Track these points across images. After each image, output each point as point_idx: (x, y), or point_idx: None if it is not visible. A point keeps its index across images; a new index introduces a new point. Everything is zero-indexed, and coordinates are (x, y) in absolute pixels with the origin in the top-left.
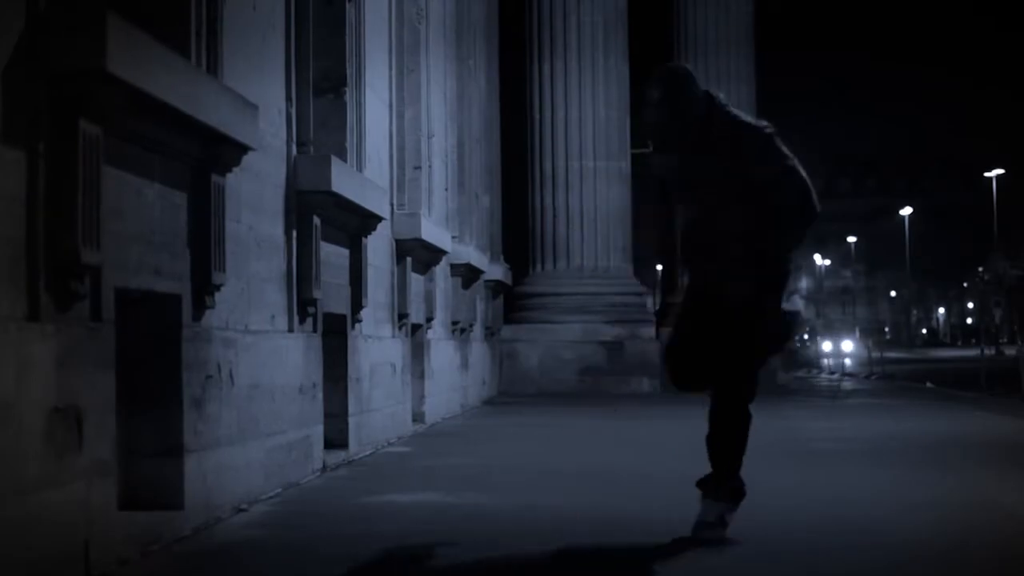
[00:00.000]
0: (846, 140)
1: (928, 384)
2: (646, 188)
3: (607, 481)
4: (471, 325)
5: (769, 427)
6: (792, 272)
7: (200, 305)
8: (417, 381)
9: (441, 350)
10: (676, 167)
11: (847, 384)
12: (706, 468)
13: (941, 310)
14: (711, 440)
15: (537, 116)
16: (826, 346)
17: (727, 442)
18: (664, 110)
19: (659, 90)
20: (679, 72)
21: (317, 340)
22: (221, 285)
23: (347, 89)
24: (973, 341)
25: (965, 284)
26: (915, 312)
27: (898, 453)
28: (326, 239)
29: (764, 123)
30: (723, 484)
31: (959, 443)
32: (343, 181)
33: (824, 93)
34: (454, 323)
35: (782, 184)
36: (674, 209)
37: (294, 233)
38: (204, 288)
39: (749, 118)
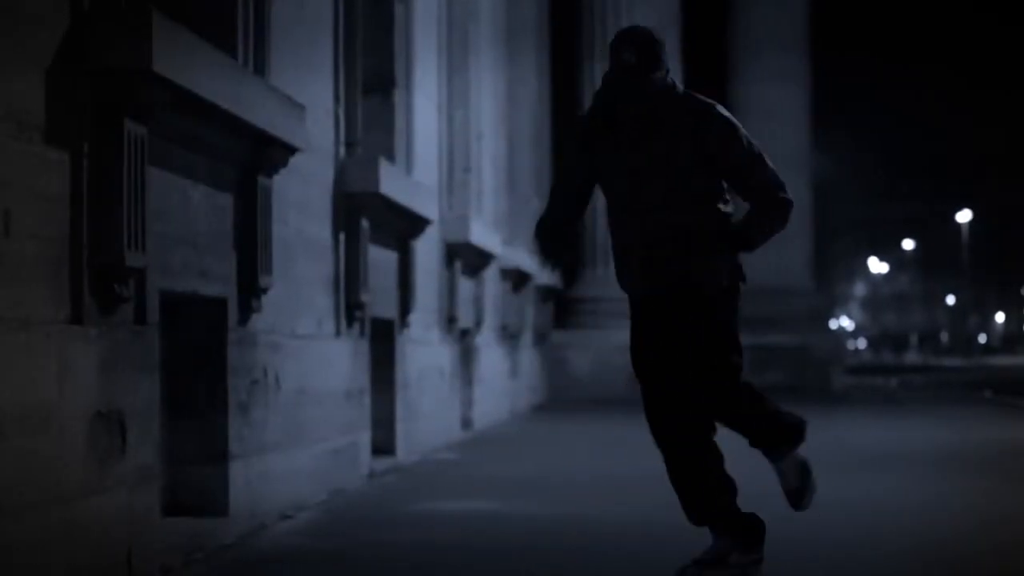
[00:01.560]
0: (903, 142)
1: (987, 394)
2: None
3: (661, 489)
4: (520, 330)
5: (819, 436)
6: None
7: (246, 308)
8: (466, 387)
9: (490, 355)
10: (622, 148)
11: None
12: (758, 474)
13: (999, 317)
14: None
15: None
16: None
17: (760, 410)
18: (635, 73)
19: (632, 52)
20: (657, 38)
21: (365, 345)
22: (268, 288)
23: (396, 89)
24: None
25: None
26: (973, 318)
27: (948, 462)
28: (374, 242)
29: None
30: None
31: (1011, 452)
32: (391, 183)
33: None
34: (503, 328)
35: (756, 170)
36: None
37: (342, 236)
38: (250, 291)
39: (712, 100)
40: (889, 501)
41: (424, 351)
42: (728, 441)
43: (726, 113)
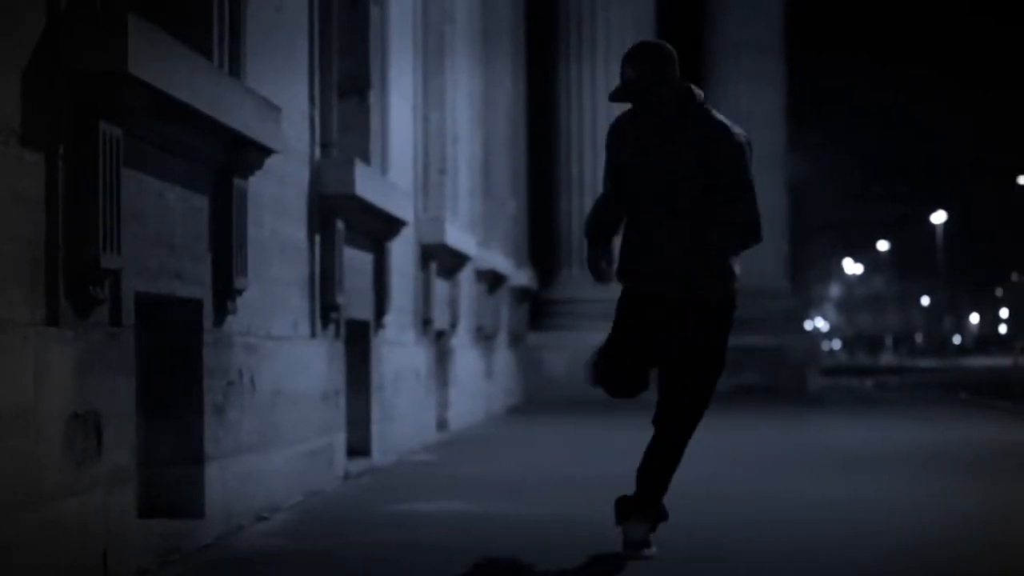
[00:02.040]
0: (878, 144)
1: (962, 395)
2: None
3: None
4: (496, 332)
5: (798, 437)
6: None
7: (222, 310)
8: (441, 388)
9: (466, 357)
10: (636, 159)
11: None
12: (739, 479)
13: (974, 318)
14: (656, 466)
15: (564, 120)
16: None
17: (673, 460)
18: (637, 91)
19: (633, 69)
20: (658, 50)
21: (340, 346)
22: (243, 290)
23: (371, 91)
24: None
25: (999, 292)
26: (948, 319)
27: (931, 463)
28: (349, 244)
29: (740, 130)
30: (656, 508)
31: (992, 453)
32: (367, 185)
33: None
34: (479, 329)
35: (739, 198)
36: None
37: (317, 238)
38: (226, 293)
39: (728, 121)
40: (878, 501)
41: (399, 352)
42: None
43: (738, 138)
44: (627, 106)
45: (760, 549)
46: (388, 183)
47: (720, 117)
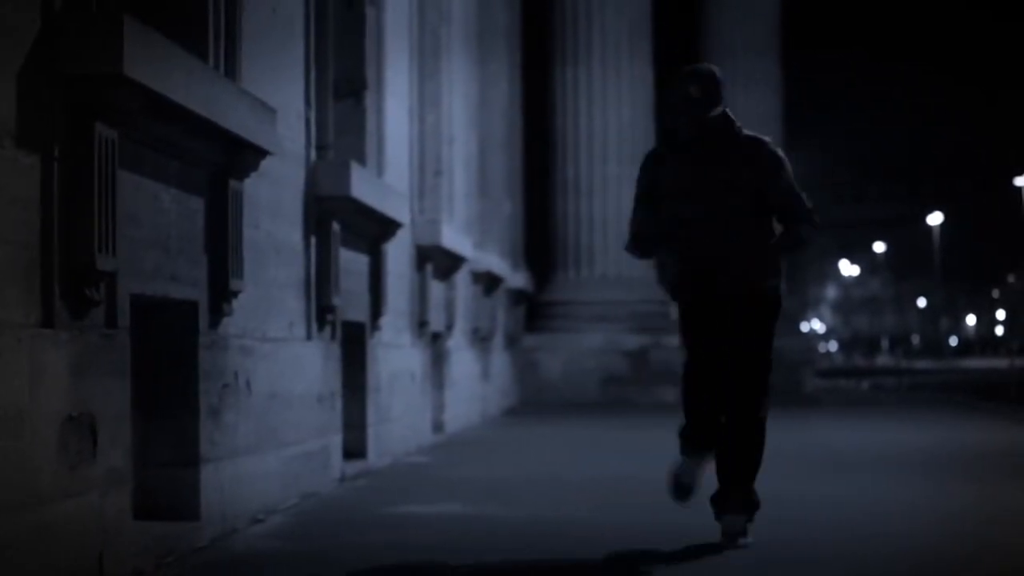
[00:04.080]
0: (873, 145)
1: (959, 397)
2: None
3: (632, 492)
4: (492, 334)
5: (796, 438)
6: None
7: (217, 312)
8: (437, 390)
9: (462, 359)
10: (683, 172)
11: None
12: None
13: (971, 320)
14: (735, 454)
15: (560, 121)
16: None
17: (754, 454)
18: (697, 107)
19: (698, 88)
20: (716, 76)
21: (336, 348)
22: (239, 292)
23: (367, 93)
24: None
25: (996, 293)
26: (945, 321)
27: (923, 465)
28: (345, 246)
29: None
30: (748, 497)
31: (988, 455)
32: (363, 187)
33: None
34: (475, 331)
35: (797, 204)
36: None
37: (313, 239)
38: (221, 295)
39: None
40: (876, 503)
41: (395, 354)
42: None
43: (776, 149)
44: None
45: (759, 551)
46: (384, 185)
47: (756, 135)
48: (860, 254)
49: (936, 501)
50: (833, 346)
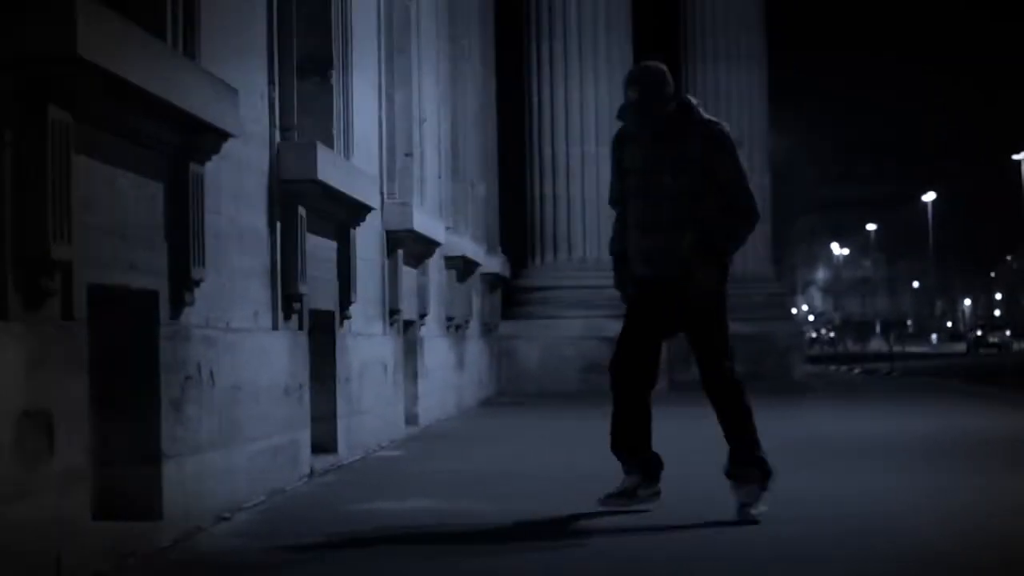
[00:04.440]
0: (863, 122)
1: (954, 382)
2: None
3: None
4: (467, 321)
5: (785, 425)
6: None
7: (178, 302)
8: (410, 381)
9: (435, 348)
10: (640, 160)
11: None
12: (710, 469)
13: (967, 301)
14: (722, 423)
15: (535, 99)
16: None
17: (739, 422)
18: (641, 109)
19: (635, 91)
20: (656, 72)
21: (303, 338)
22: (201, 280)
23: (333, 71)
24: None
25: (992, 274)
26: (939, 303)
27: (919, 452)
28: (312, 231)
29: (730, 130)
30: (752, 466)
31: (984, 442)
32: (329, 169)
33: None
34: (449, 319)
35: (740, 187)
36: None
37: (278, 225)
38: (183, 284)
39: (720, 122)
40: (871, 493)
41: (366, 344)
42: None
43: (726, 131)
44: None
45: (757, 546)
46: (352, 167)
47: (713, 120)
48: (851, 235)
49: (931, 491)
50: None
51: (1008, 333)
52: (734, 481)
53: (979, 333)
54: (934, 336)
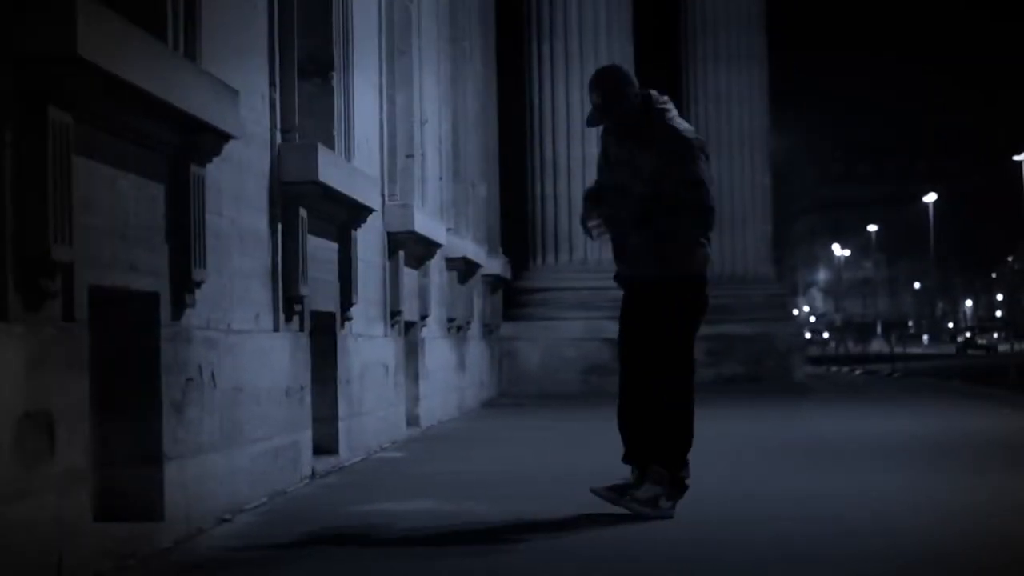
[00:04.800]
0: (864, 122)
1: (955, 383)
2: None
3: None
4: (468, 322)
5: (786, 427)
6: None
7: (179, 303)
8: (411, 382)
9: (436, 349)
10: (606, 153)
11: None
12: (726, 475)
13: (968, 302)
14: (653, 433)
15: (536, 100)
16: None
17: (669, 436)
18: (603, 111)
19: (598, 94)
20: (614, 74)
21: (304, 340)
22: (202, 282)
23: (334, 73)
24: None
25: (994, 274)
26: (940, 304)
27: (919, 453)
28: (313, 232)
29: (694, 133)
30: (668, 469)
31: (984, 443)
32: (331, 170)
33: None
34: (450, 320)
35: (687, 189)
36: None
37: (279, 226)
38: (184, 285)
39: (684, 124)
40: (872, 495)
41: (367, 345)
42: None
43: (688, 139)
44: None
45: (757, 546)
46: (353, 168)
47: (674, 122)
48: (852, 236)
49: (932, 492)
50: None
51: (995, 335)
52: (641, 477)
53: (968, 335)
54: (925, 337)
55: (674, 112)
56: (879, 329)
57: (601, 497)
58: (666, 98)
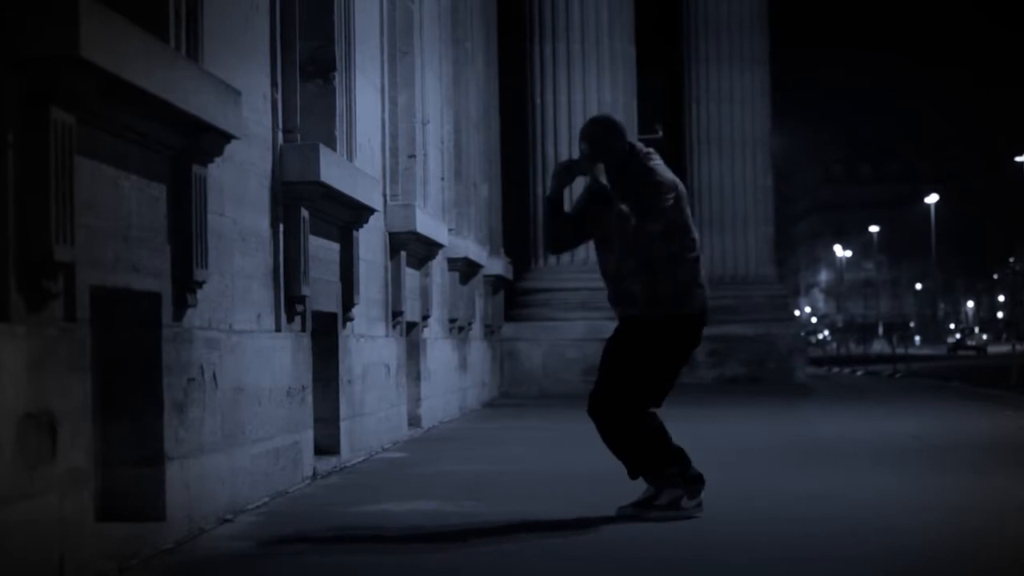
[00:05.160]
0: (866, 123)
1: (954, 383)
2: None
3: (615, 486)
4: (470, 323)
5: (788, 428)
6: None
7: (181, 304)
8: (413, 383)
9: (438, 350)
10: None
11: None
12: (729, 476)
13: (970, 303)
14: (626, 449)
15: (538, 101)
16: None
17: (640, 442)
18: (590, 157)
19: (586, 143)
20: (603, 124)
21: (306, 340)
22: (203, 282)
23: (336, 73)
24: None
25: (995, 275)
26: (942, 306)
27: (920, 454)
28: (315, 233)
29: (673, 178)
30: (665, 472)
31: (987, 444)
32: (332, 171)
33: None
34: (451, 321)
35: (676, 234)
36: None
37: (280, 227)
38: (185, 286)
39: (662, 170)
40: (873, 496)
41: (369, 346)
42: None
43: (659, 177)
44: None
45: (759, 546)
46: (355, 169)
47: (655, 168)
48: (854, 237)
49: (936, 492)
50: (826, 333)
51: (984, 337)
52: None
53: (958, 337)
54: (917, 338)
55: (659, 160)
56: (880, 330)
57: (629, 516)
58: (651, 150)
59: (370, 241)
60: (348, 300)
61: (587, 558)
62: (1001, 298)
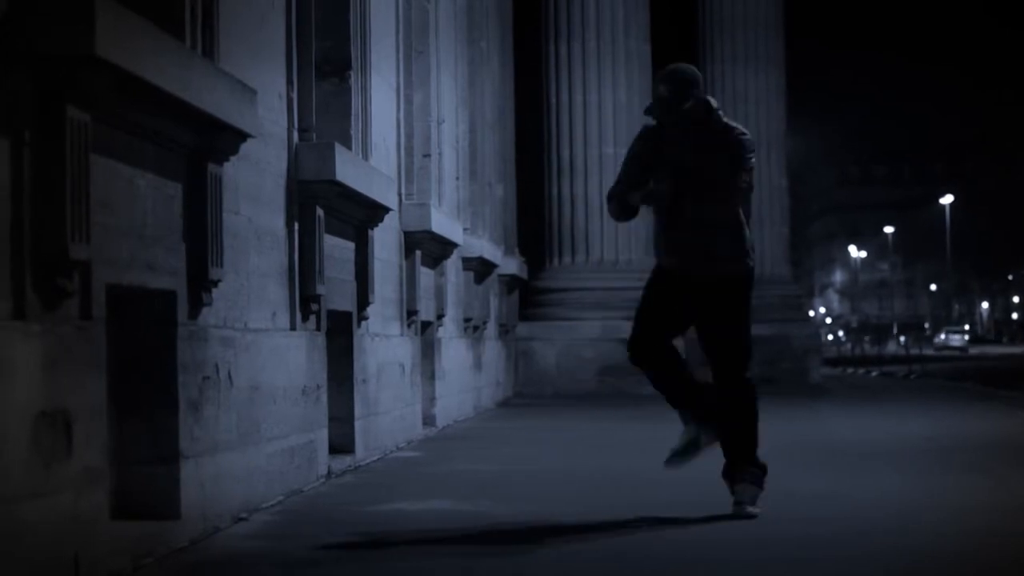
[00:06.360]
0: (881, 124)
1: (968, 385)
2: None
3: (629, 487)
4: (484, 322)
5: (800, 428)
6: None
7: (196, 302)
8: (427, 382)
9: (453, 349)
10: (670, 160)
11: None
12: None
13: (984, 304)
14: (730, 425)
15: (553, 101)
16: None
17: (748, 428)
18: (669, 105)
19: (666, 87)
20: (687, 72)
21: (321, 339)
22: (219, 281)
23: (352, 72)
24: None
25: (1010, 276)
26: (957, 306)
27: (932, 454)
28: (330, 232)
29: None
30: (751, 465)
31: (998, 444)
32: (348, 170)
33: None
34: (466, 320)
35: (749, 192)
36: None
37: (296, 225)
38: (201, 284)
39: (739, 126)
40: (888, 497)
41: (383, 345)
42: None
43: (742, 137)
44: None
45: (764, 546)
46: (370, 168)
47: (734, 124)
48: (868, 238)
49: (943, 492)
50: (840, 333)
51: (966, 338)
52: (734, 480)
53: (942, 337)
54: (902, 338)
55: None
56: (895, 330)
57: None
58: (717, 103)
59: (385, 240)
60: (363, 299)
61: (601, 558)
62: (1016, 299)
